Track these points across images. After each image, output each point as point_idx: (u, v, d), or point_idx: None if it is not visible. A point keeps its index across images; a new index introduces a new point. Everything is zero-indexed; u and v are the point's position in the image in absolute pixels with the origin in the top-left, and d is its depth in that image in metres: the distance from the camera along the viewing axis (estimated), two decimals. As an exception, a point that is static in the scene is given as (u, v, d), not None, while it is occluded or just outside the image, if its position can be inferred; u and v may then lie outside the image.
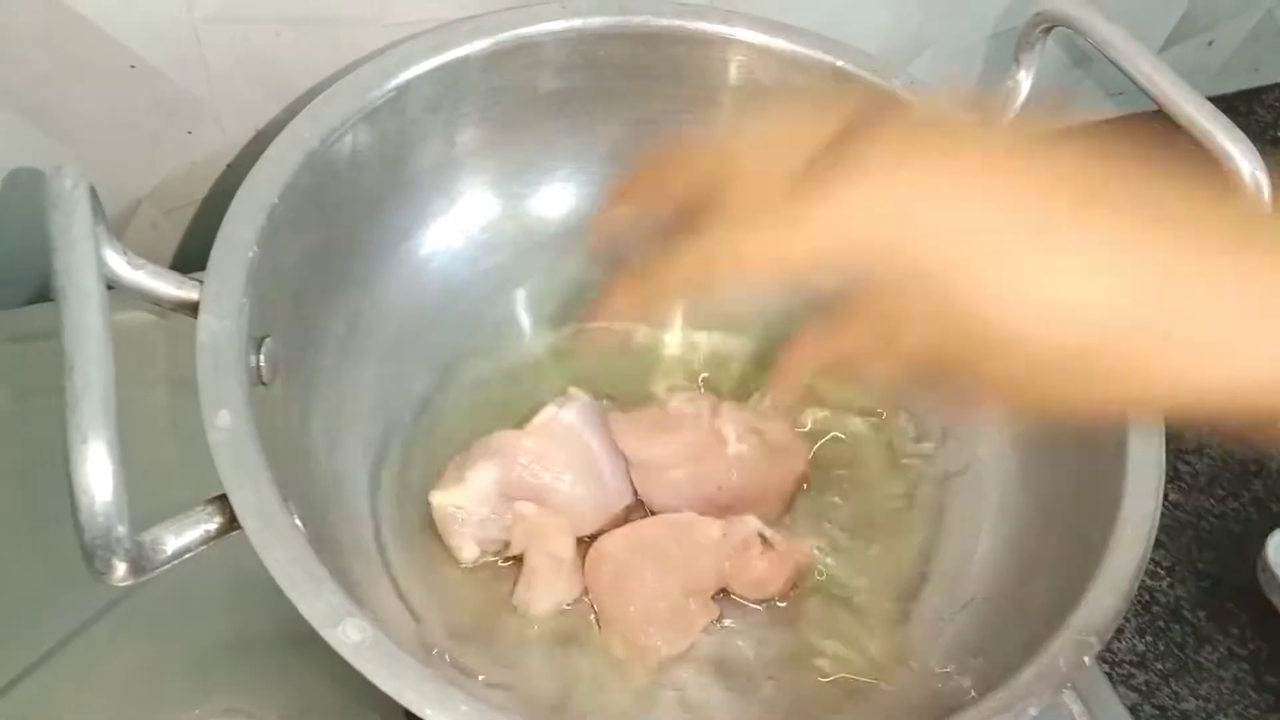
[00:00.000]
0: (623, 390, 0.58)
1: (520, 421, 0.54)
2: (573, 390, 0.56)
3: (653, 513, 0.54)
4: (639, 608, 0.50)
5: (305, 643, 0.37)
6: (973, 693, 0.44)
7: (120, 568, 0.34)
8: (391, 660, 0.37)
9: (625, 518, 0.54)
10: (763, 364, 0.60)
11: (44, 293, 0.59)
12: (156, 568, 0.36)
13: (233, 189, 0.46)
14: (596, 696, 0.49)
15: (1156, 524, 0.46)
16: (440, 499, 0.51)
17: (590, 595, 0.51)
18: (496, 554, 0.52)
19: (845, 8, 0.64)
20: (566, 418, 0.54)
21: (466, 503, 0.50)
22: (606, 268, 0.50)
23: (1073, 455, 0.52)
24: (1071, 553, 0.48)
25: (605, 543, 0.52)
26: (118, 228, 0.59)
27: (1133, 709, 0.55)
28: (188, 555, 0.37)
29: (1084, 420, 0.47)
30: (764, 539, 0.52)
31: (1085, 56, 0.75)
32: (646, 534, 0.52)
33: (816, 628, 0.52)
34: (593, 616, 0.51)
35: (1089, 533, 0.47)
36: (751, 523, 0.53)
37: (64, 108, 0.53)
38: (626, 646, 0.50)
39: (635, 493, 0.54)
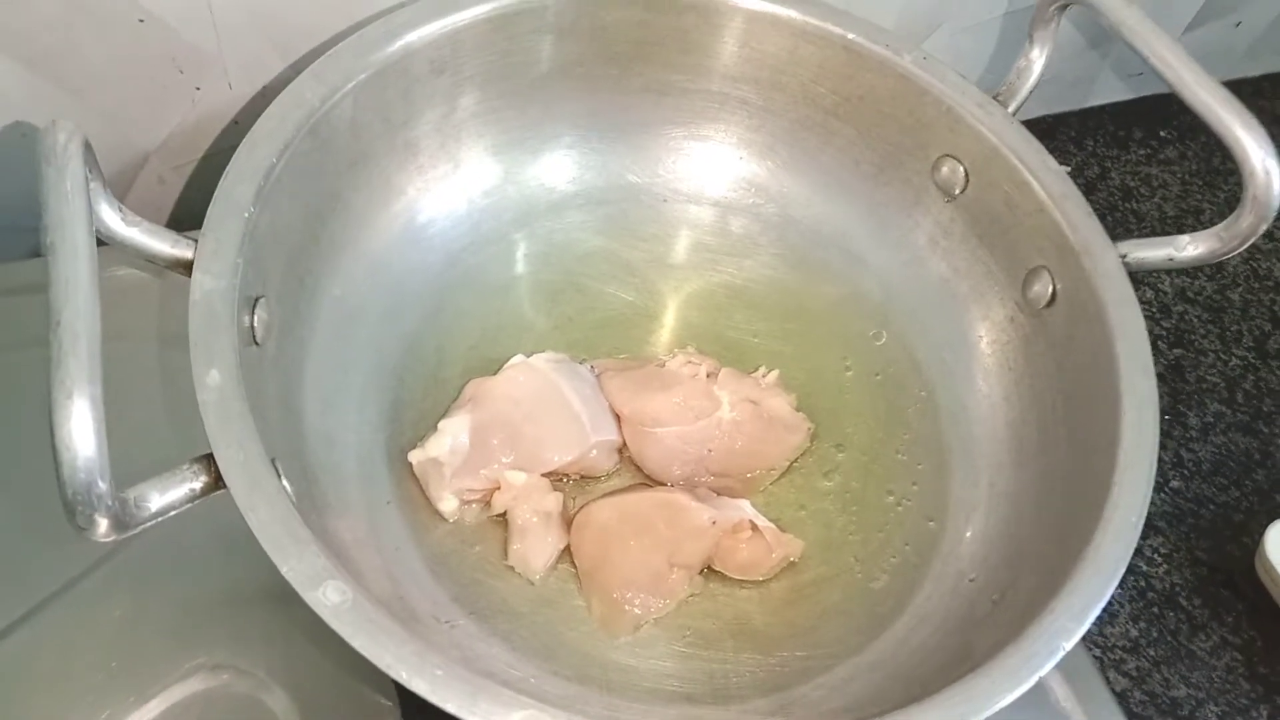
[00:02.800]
0: (620, 356, 0.58)
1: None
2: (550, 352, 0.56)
3: (645, 476, 0.55)
4: (620, 571, 0.51)
5: (292, 599, 0.37)
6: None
7: (102, 524, 0.34)
8: (370, 623, 0.37)
9: (612, 462, 0.55)
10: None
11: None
12: (140, 524, 0.36)
13: (238, 146, 0.47)
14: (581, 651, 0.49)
15: (1145, 512, 0.46)
16: (418, 456, 0.51)
17: (574, 556, 0.52)
18: (479, 503, 0.52)
19: (859, -21, 0.63)
20: (535, 363, 0.55)
21: (440, 453, 0.51)
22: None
23: (1065, 441, 0.52)
24: (1061, 538, 0.47)
25: (594, 510, 0.52)
26: (125, 182, 0.59)
27: (1121, 695, 0.55)
28: (172, 513, 0.38)
29: None
30: (754, 526, 0.52)
31: (1103, 36, 0.73)
32: (636, 508, 0.52)
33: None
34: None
35: (1079, 518, 0.47)
36: (744, 508, 0.53)
37: (73, 60, 0.53)
38: (604, 606, 0.50)
39: (623, 439, 0.55)
